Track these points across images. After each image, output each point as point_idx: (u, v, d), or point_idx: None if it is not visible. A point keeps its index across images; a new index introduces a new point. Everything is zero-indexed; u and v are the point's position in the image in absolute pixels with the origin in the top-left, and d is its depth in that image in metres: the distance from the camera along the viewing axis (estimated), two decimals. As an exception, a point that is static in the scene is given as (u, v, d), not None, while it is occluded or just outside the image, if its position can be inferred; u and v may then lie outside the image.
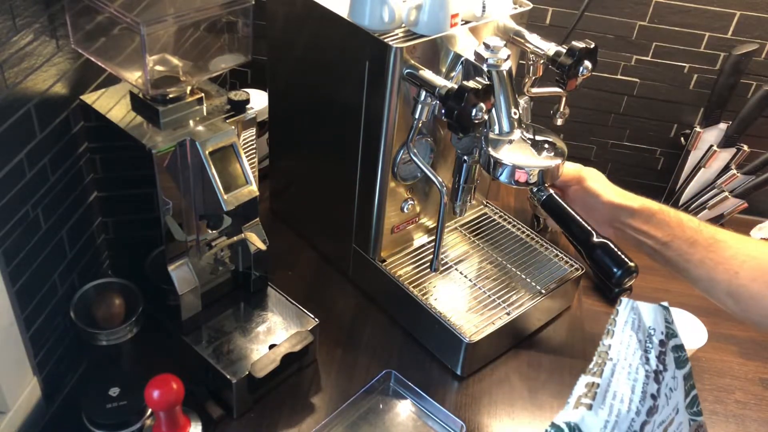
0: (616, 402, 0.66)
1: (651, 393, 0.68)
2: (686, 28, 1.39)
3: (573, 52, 0.99)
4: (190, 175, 0.90)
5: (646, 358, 0.69)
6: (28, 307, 0.89)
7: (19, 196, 0.85)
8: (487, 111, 0.89)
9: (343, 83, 1.05)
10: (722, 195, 1.43)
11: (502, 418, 1.03)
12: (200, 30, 0.88)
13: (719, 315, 1.18)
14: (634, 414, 0.66)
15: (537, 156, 0.96)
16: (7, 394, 0.87)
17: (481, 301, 1.12)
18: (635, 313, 0.71)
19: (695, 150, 1.45)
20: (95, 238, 1.06)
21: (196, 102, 0.91)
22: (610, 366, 0.68)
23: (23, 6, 0.80)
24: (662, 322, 0.71)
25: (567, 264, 1.20)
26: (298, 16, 1.09)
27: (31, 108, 0.85)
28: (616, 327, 0.70)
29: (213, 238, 1.00)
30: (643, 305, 0.71)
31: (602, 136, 1.54)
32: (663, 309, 0.72)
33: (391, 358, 1.09)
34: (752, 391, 1.14)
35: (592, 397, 0.66)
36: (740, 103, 1.39)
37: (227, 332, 1.03)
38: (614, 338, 0.70)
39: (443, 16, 0.96)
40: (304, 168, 1.25)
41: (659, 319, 0.71)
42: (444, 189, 0.98)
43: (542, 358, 1.13)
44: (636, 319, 0.70)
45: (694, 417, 0.76)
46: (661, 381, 0.70)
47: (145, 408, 0.91)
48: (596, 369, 0.68)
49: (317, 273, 1.24)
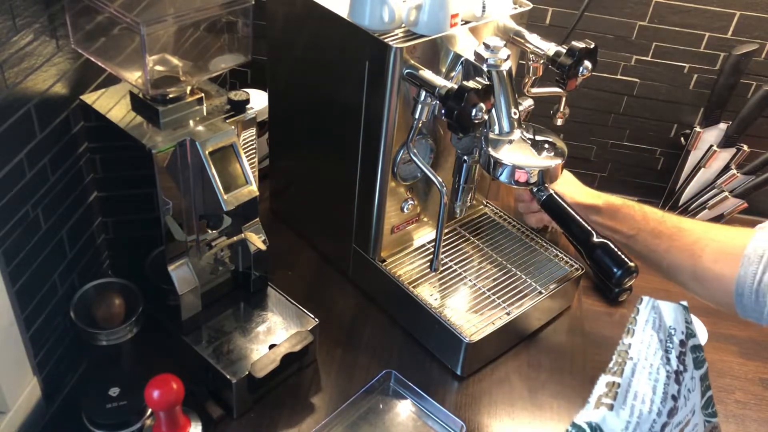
0: (638, 402, 0.65)
1: (672, 394, 0.67)
2: (686, 28, 1.39)
3: (573, 52, 0.99)
4: (190, 175, 0.90)
5: (667, 358, 0.68)
6: (28, 307, 0.89)
7: (19, 196, 0.85)
8: (487, 111, 0.89)
9: (343, 83, 1.05)
10: (722, 195, 1.43)
11: (502, 418, 1.03)
12: (200, 30, 0.88)
13: (719, 315, 1.18)
14: (655, 415, 0.65)
15: (537, 156, 0.96)
16: (7, 394, 0.87)
17: (481, 301, 1.12)
18: (656, 312, 0.70)
19: (695, 150, 1.45)
20: (95, 238, 1.06)
21: (196, 102, 0.91)
22: (630, 365, 0.67)
23: (23, 6, 0.80)
24: (682, 321, 0.71)
25: (567, 264, 1.20)
26: (298, 16, 1.09)
27: (31, 108, 0.85)
28: (637, 326, 0.69)
29: (213, 238, 1.00)
30: (664, 304, 0.70)
31: (602, 136, 1.55)
32: (683, 309, 0.71)
33: (391, 358, 1.09)
34: (752, 391, 1.14)
35: (613, 397, 0.65)
36: (740, 103, 1.39)
37: (227, 332, 1.03)
38: (635, 337, 0.68)
39: (443, 16, 0.96)
40: (304, 168, 1.25)
41: (680, 318, 0.71)
42: (444, 189, 0.98)
43: (542, 358, 1.13)
44: (657, 318, 0.69)
45: (709, 418, 0.75)
46: (682, 382, 0.69)
47: (145, 408, 0.91)
48: (616, 368, 0.67)
49: (317, 273, 1.24)
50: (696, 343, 0.72)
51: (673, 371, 0.68)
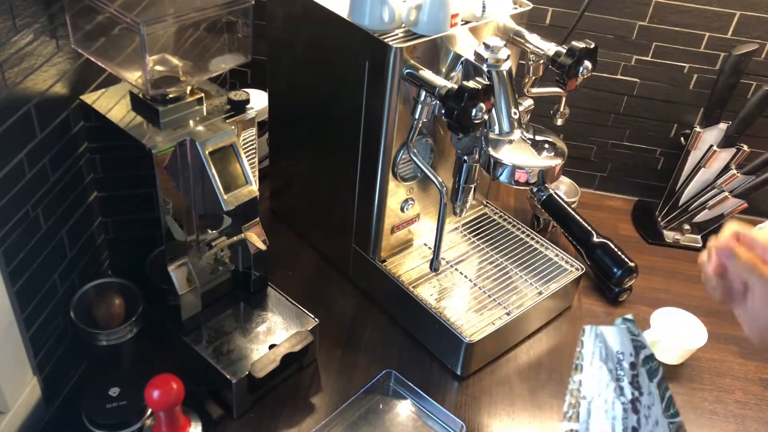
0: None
1: (632, 426, 0.65)
2: (686, 28, 1.38)
3: (573, 52, 0.99)
4: (190, 175, 0.89)
5: (620, 389, 0.65)
6: (28, 307, 0.89)
7: (19, 196, 0.85)
8: (487, 111, 0.89)
9: (343, 83, 1.05)
10: (722, 195, 1.43)
11: (502, 418, 1.03)
12: (200, 30, 0.88)
13: (719, 315, 1.18)
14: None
15: (537, 156, 0.96)
16: (7, 394, 0.87)
17: (481, 301, 1.12)
18: (600, 341, 0.66)
19: (695, 150, 1.45)
20: (95, 238, 1.06)
21: (196, 102, 0.91)
22: (585, 406, 0.64)
23: (23, 6, 0.80)
24: (629, 342, 0.67)
25: (567, 264, 1.20)
26: (298, 16, 1.09)
27: (31, 108, 0.85)
28: (584, 360, 0.66)
29: (213, 238, 1.00)
30: (607, 329, 0.67)
31: (602, 136, 1.54)
32: (626, 324, 0.67)
33: (391, 358, 1.09)
34: (752, 391, 1.14)
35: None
36: (740, 103, 1.39)
37: (227, 332, 1.03)
38: (584, 373, 0.66)
39: (443, 16, 0.96)
40: (304, 168, 1.25)
41: (625, 340, 0.67)
42: (444, 189, 0.98)
43: (542, 358, 1.13)
44: (602, 347, 0.66)
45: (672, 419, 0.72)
46: (640, 409, 0.66)
47: (145, 408, 0.91)
48: (571, 412, 0.65)
49: (317, 273, 1.24)
50: (647, 354, 0.68)
51: (629, 401, 0.65)
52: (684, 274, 1.36)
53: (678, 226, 1.49)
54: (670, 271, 1.37)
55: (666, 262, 1.40)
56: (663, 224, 1.50)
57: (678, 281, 1.34)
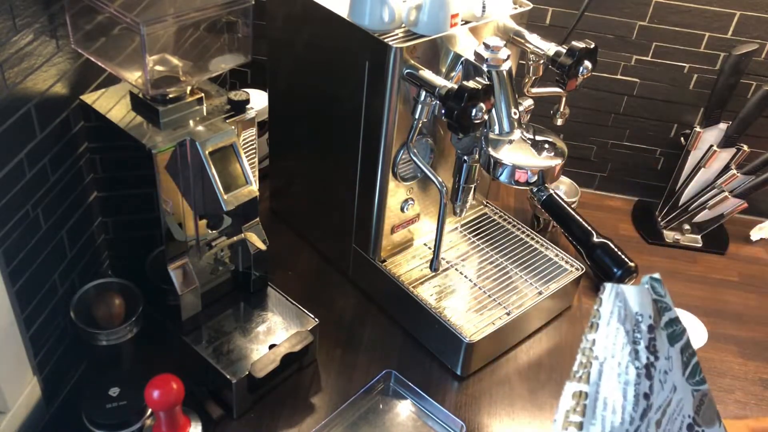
0: (608, 413, 0.60)
1: (644, 392, 0.61)
2: (686, 28, 1.39)
3: (573, 52, 0.99)
4: (190, 175, 0.89)
5: (636, 352, 0.62)
6: (28, 307, 0.89)
7: (19, 196, 0.85)
8: (487, 111, 0.89)
9: (343, 83, 1.05)
10: (722, 195, 1.43)
11: (502, 418, 1.03)
12: (200, 30, 0.88)
13: (719, 315, 1.18)
14: (628, 425, 0.60)
15: (537, 156, 0.96)
16: (7, 394, 0.87)
17: (481, 301, 1.12)
18: (621, 300, 0.63)
19: (695, 150, 1.45)
20: (95, 238, 1.06)
21: (196, 102, 0.91)
22: (596, 367, 0.61)
23: (23, 6, 0.80)
24: (649, 303, 0.64)
25: (567, 264, 1.20)
26: (298, 16, 1.09)
27: (31, 108, 0.85)
28: (601, 319, 0.62)
29: (213, 238, 1.00)
30: (629, 289, 0.63)
31: (602, 136, 1.55)
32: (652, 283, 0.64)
33: (391, 358, 1.09)
34: (752, 391, 1.14)
35: (581, 413, 0.59)
36: (740, 103, 1.39)
37: (227, 332, 1.03)
38: (599, 332, 0.62)
39: (443, 16, 0.96)
40: (304, 168, 1.25)
41: (646, 301, 0.64)
42: (444, 189, 0.98)
43: (542, 358, 1.13)
44: (622, 307, 0.62)
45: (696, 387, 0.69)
46: (653, 375, 0.63)
47: (145, 408, 0.91)
48: (582, 372, 0.61)
49: (317, 273, 1.24)
50: (672, 316, 0.65)
51: (643, 366, 0.62)
52: (684, 274, 1.36)
53: (678, 226, 1.49)
54: (670, 271, 1.37)
55: (666, 262, 1.40)
56: (663, 224, 1.50)
57: (678, 281, 1.34)
